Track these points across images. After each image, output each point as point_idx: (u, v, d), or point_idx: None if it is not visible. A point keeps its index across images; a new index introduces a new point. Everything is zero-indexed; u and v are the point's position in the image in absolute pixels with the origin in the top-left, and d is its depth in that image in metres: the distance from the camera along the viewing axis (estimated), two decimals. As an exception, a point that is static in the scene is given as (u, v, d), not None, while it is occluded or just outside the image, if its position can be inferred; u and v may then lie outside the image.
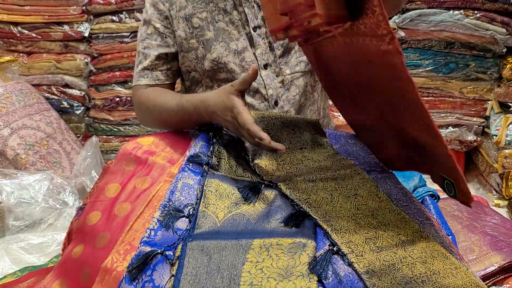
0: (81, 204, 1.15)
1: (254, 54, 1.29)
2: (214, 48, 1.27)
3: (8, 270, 1.38)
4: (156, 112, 1.24)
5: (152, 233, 0.90)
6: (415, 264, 0.80)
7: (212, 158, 1.04)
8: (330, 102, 1.57)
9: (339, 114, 1.94)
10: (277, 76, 1.32)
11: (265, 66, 1.31)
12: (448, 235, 1.00)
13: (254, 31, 1.28)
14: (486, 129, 2.09)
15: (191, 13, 1.27)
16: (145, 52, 1.29)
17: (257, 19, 1.28)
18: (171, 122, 1.22)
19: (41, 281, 1.05)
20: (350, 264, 0.79)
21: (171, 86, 1.35)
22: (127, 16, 2.18)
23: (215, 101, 1.05)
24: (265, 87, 1.30)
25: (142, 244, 0.88)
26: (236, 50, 1.28)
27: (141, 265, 0.82)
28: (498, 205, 1.92)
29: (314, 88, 1.42)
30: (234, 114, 1.00)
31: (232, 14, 1.26)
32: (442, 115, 2.10)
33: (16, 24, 2.21)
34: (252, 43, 1.29)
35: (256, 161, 1.02)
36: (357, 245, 0.82)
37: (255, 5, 1.27)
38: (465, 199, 0.79)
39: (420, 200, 1.19)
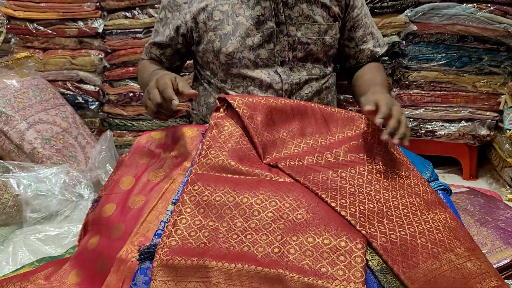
0: (96, 196, 1.17)
1: (273, 50, 1.30)
2: (230, 43, 1.28)
3: (26, 261, 1.40)
4: (140, 72, 1.48)
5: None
6: None
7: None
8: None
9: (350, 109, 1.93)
10: (293, 73, 1.32)
11: (282, 63, 1.32)
12: (460, 229, 1.00)
13: (278, 27, 1.28)
14: (499, 124, 2.06)
15: (214, 6, 1.28)
16: (152, 38, 1.47)
17: (281, 15, 1.28)
18: (143, 80, 1.41)
19: (58, 271, 1.07)
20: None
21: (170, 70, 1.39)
22: (140, 12, 2.19)
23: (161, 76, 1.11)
24: (280, 82, 1.31)
25: (156, 236, 0.89)
26: (252, 46, 1.28)
27: (153, 253, 0.84)
28: (511, 200, 1.90)
29: (328, 90, 1.43)
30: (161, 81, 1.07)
31: (254, 10, 1.26)
32: (455, 109, 2.07)
33: (32, 21, 2.23)
34: (272, 39, 1.29)
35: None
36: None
37: (281, 2, 1.27)
38: None
39: (431, 194, 1.18)
